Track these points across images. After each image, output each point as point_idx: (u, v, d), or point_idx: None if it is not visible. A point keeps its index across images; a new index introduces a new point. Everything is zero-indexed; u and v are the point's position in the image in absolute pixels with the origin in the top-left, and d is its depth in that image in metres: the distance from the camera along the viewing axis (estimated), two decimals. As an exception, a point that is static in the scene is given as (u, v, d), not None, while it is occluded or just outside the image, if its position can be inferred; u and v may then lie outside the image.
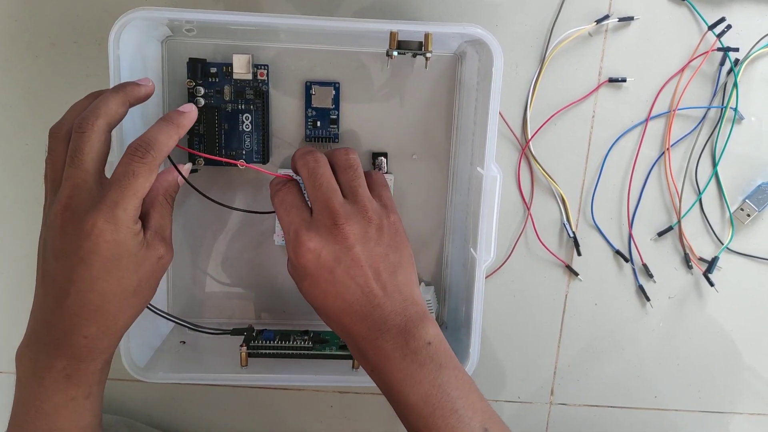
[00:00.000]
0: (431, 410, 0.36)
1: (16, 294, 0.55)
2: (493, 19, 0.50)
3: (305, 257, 0.38)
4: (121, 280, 0.36)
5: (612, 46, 0.51)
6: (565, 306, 0.56)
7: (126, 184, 0.35)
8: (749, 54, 0.51)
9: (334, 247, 0.38)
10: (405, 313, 0.38)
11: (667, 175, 0.53)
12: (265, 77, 0.48)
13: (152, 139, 0.36)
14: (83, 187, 0.35)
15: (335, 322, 0.40)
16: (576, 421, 0.58)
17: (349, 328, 0.39)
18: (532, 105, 0.51)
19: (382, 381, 0.38)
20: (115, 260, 0.35)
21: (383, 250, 0.40)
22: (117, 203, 0.34)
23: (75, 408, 0.37)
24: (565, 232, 0.54)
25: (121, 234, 0.35)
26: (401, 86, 0.50)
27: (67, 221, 0.35)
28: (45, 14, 0.49)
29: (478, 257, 0.45)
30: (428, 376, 0.36)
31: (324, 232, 0.38)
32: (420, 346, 0.37)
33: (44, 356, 0.36)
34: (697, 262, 0.55)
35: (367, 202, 0.40)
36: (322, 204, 0.39)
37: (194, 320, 0.50)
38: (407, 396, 0.36)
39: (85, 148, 0.35)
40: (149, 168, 0.36)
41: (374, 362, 0.38)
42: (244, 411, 0.58)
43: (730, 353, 0.57)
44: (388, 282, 0.39)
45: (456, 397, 0.36)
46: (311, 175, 0.40)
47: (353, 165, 0.41)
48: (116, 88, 0.38)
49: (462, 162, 0.50)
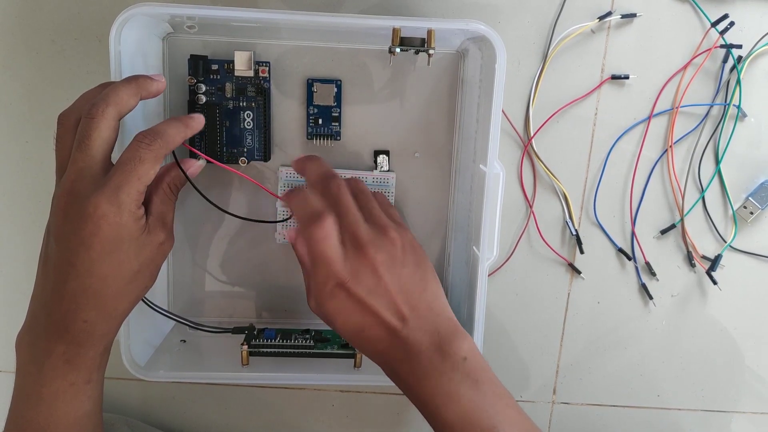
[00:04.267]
0: (469, 428, 0.35)
1: (16, 292, 0.54)
2: (495, 15, 0.50)
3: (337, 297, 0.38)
4: (122, 264, 0.36)
5: (615, 43, 0.51)
6: (568, 304, 0.56)
7: (131, 169, 0.35)
8: (752, 51, 0.50)
9: (365, 281, 0.37)
10: (438, 330, 0.38)
11: (670, 172, 0.53)
12: (267, 74, 0.48)
13: (161, 130, 0.37)
14: (88, 172, 0.35)
15: (370, 350, 0.39)
16: (578, 420, 0.58)
17: (384, 354, 0.38)
18: (534, 102, 0.51)
19: (418, 399, 0.37)
20: (117, 243, 0.35)
21: (410, 270, 0.39)
22: (121, 187, 0.35)
23: (75, 394, 0.37)
24: (567, 229, 0.54)
25: (123, 217, 0.35)
26: (403, 84, 0.50)
27: (69, 204, 0.35)
28: (45, 10, 0.49)
29: (480, 255, 0.44)
30: (466, 393, 0.36)
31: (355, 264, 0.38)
32: (456, 362, 0.37)
33: (43, 341, 0.36)
34: (699, 260, 0.54)
35: (387, 223, 0.40)
36: (351, 234, 0.38)
37: (195, 319, 0.50)
38: (444, 414, 0.36)
39: (93, 134, 0.35)
40: (155, 155, 0.36)
41: (409, 382, 0.37)
42: (245, 410, 0.58)
43: (733, 352, 0.57)
44: (419, 302, 0.39)
45: (494, 413, 0.36)
46: (336, 203, 0.40)
47: (365, 190, 0.43)
48: (128, 79, 0.38)
49: (464, 159, 0.50)
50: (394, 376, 0.39)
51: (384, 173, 0.51)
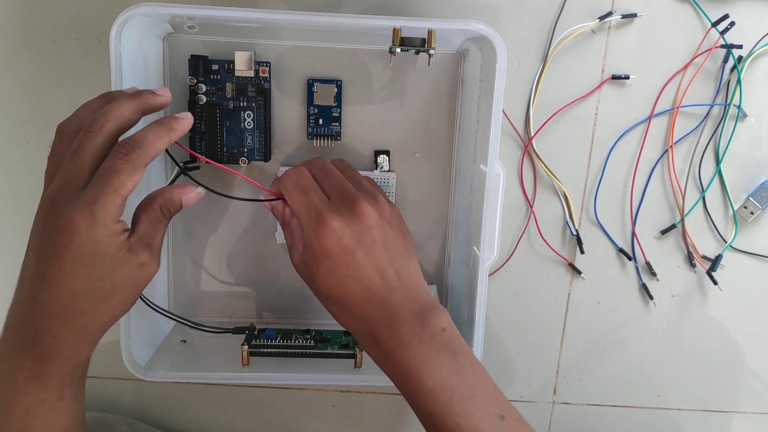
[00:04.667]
0: (449, 396, 0.35)
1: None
2: (495, 16, 0.50)
3: (328, 238, 0.38)
4: (92, 279, 0.34)
5: (615, 43, 0.51)
6: (568, 304, 0.55)
7: (106, 181, 0.34)
8: (753, 51, 0.50)
9: (355, 227, 0.38)
10: (419, 299, 0.38)
11: (670, 172, 0.53)
12: (267, 74, 0.48)
13: (139, 138, 0.35)
14: (72, 184, 0.34)
15: (350, 310, 0.39)
16: (579, 420, 0.58)
17: (365, 314, 0.38)
18: (534, 102, 0.51)
19: (397, 368, 0.37)
20: (89, 258, 0.34)
21: (396, 235, 0.40)
22: (96, 200, 0.33)
23: (47, 410, 0.36)
24: (568, 230, 0.54)
25: (97, 231, 0.33)
26: (403, 84, 0.50)
27: (48, 213, 0.34)
28: (45, 10, 0.49)
29: (480, 255, 0.44)
30: (445, 362, 0.36)
31: (345, 213, 0.39)
32: (436, 332, 0.37)
33: (14, 355, 0.35)
34: (700, 260, 0.54)
35: (375, 190, 0.42)
36: (339, 189, 0.40)
37: (195, 319, 0.50)
38: (424, 381, 0.36)
39: (87, 146, 0.34)
40: (132, 166, 0.34)
41: (389, 349, 0.37)
42: (246, 410, 0.58)
43: (734, 352, 0.57)
44: (402, 267, 0.39)
45: (473, 384, 0.36)
46: (322, 168, 0.42)
47: (350, 166, 0.45)
48: (132, 96, 0.37)
49: (465, 160, 0.50)
50: (373, 344, 0.38)
51: (384, 173, 0.51)
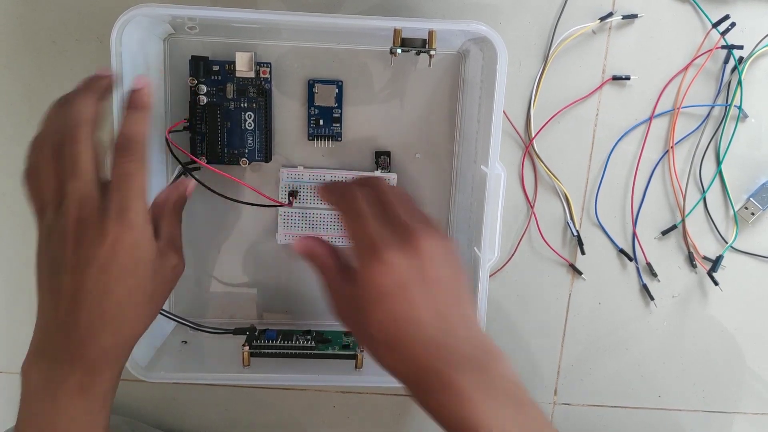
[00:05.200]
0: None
1: (17, 292, 0.54)
2: (496, 16, 0.50)
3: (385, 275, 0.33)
4: (137, 288, 0.35)
5: (616, 44, 0.51)
6: (569, 305, 0.55)
7: (127, 187, 0.35)
8: (753, 52, 0.50)
9: (412, 263, 0.34)
10: (480, 345, 0.34)
11: (671, 173, 0.53)
12: (268, 75, 0.48)
13: (128, 134, 0.36)
14: (90, 198, 0.34)
15: (400, 353, 0.34)
16: (579, 421, 0.58)
17: (420, 360, 0.33)
18: (535, 103, 0.51)
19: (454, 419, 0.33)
20: (133, 267, 0.35)
21: (453, 272, 0.36)
22: (127, 207, 0.34)
23: (91, 421, 0.36)
24: (568, 230, 0.54)
25: (136, 236, 0.35)
26: (404, 85, 0.50)
27: (81, 233, 0.34)
28: (46, 11, 0.49)
29: (481, 256, 0.44)
30: (509, 415, 0.33)
31: (402, 246, 0.34)
32: (499, 383, 0.33)
33: (56, 371, 0.35)
34: (701, 261, 0.54)
35: (433, 223, 0.37)
36: (396, 220, 0.35)
37: (196, 320, 0.50)
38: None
39: (81, 158, 0.34)
40: (139, 163, 0.35)
41: (446, 400, 0.33)
42: (246, 411, 0.58)
43: (734, 352, 0.57)
44: (461, 309, 0.35)
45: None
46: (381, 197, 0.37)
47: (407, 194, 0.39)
48: (83, 92, 0.37)
49: (465, 160, 0.50)
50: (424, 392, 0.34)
51: (385, 174, 0.51)
